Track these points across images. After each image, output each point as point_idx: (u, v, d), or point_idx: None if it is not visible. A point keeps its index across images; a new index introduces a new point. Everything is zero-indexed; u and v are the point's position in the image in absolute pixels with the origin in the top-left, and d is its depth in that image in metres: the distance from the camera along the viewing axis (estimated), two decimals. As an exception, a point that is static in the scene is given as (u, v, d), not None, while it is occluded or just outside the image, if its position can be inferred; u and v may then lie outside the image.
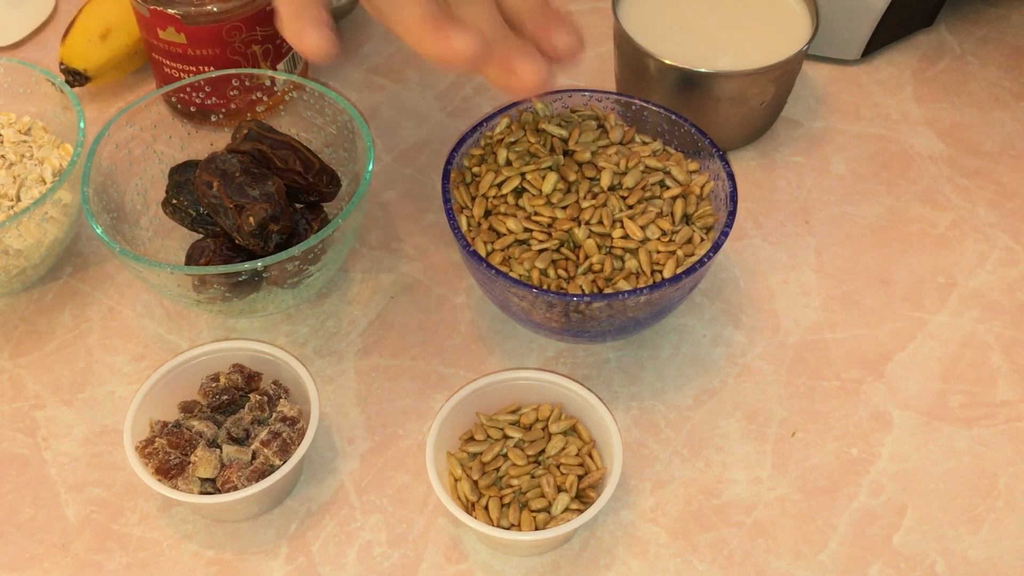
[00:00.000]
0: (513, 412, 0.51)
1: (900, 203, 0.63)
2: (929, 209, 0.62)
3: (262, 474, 0.47)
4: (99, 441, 0.53)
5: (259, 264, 0.50)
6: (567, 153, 0.54)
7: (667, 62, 0.60)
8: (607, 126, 0.55)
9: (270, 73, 0.60)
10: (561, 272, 0.50)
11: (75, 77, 0.66)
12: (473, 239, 0.51)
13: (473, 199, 0.53)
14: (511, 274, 0.50)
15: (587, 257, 0.50)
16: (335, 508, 0.50)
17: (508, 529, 0.47)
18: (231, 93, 0.61)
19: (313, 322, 0.57)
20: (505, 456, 0.49)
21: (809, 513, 0.50)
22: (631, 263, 0.50)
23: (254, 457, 0.48)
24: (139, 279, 0.53)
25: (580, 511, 0.47)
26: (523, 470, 0.49)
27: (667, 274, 0.49)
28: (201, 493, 0.47)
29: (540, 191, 0.52)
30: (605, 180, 0.52)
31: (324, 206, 0.58)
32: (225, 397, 0.50)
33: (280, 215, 0.52)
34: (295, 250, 0.50)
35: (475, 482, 0.48)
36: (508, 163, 0.53)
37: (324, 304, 0.58)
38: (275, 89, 0.60)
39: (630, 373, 0.55)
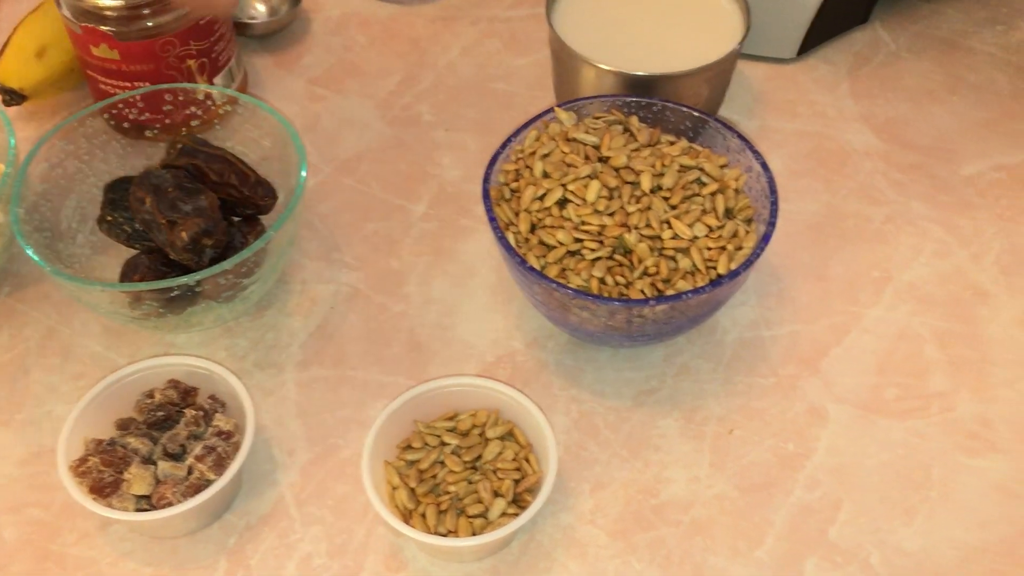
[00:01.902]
0: (450, 419, 0.51)
1: (836, 199, 0.63)
2: (865, 204, 0.63)
3: (197, 489, 0.47)
4: (36, 462, 0.52)
5: (190, 279, 0.49)
6: (602, 160, 0.54)
7: (603, 67, 0.60)
8: (633, 129, 0.55)
9: (204, 87, 0.60)
10: (619, 279, 0.50)
11: (11, 96, 0.66)
12: (525, 254, 0.51)
13: (517, 214, 0.53)
14: (570, 285, 0.50)
15: (641, 261, 0.50)
16: (274, 521, 0.50)
17: (445, 536, 0.47)
18: (165, 108, 0.61)
19: (253, 335, 0.57)
20: (442, 463, 0.49)
21: (746, 510, 0.50)
22: (684, 262, 0.50)
23: (190, 472, 0.48)
24: (72, 298, 0.53)
25: (517, 515, 0.47)
26: (460, 476, 0.49)
27: (722, 270, 0.50)
28: (137, 510, 0.47)
29: (585, 200, 0.52)
30: (646, 183, 0.52)
31: (262, 219, 0.58)
32: (160, 413, 0.50)
33: (213, 229, 0.52)
34: (227, 264, 0.50)
35: (412, 490, 0.48)
36: (546, 175, 0.53)
37: (264, 316, 0.58)
38: (210, 103, 0.60)
39: (570, 376, 0.56)
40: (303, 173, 0.54)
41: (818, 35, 0.71)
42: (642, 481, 0.52)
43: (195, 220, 0.51)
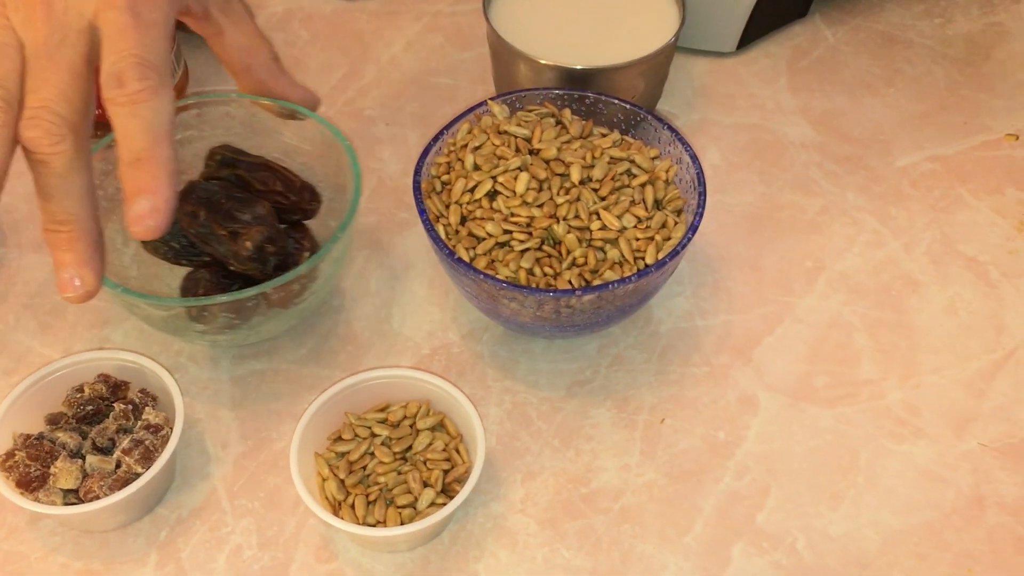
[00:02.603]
0: (381, 410, 0.51)
1: (772, 190, 0.64)
2: (800, 195, 0.64)
3: (125, 482, 0.47)
4: (-33, 457, 0.52)
5: (278, 282, 0.49)
6: (532, 152, 0.54)
7: (540, 61, 0.61)
8: (565, 122, 0.56)
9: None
10: (547, 270, 0.50)
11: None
12: (454, 246, 0.51)
13: (447, 207, 0.53)
14: (498, 276, 0.50)
15: (569, 252, 0.51)
16: (206, 513, 0.50)
17: (374, 526, 0.47)
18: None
19: (189, 329, 0.57)
20: (372, 454, 0.50)
21: (676, 497, 0.51)
22: (613, 253, 0.51)
23: (117, 466, 0.48)
24: (132, 313, 0.52)
25: (445, 504, 0.48)
26: (389, 467, 0.49)
27: (650, 260, 0.50)
28: (65, 504, 0.47)
29: (514, 192, 0.52)
30: (575, 174, 0.52)
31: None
32: (90, 407, 0.50)
33: (276, 236, 0.51)
34: (304, 266, 0.49)
35: (342, 481, 0.49)
36: (476, 167, 0.53)
37: (200, 311, 0.58)
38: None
39: (504, 367, 0.56)
40: (356, 165, 0.53)
41: (758, 29, 0.71)
42: (573, 470, 0.52)
43: (257, 228, 0.50)
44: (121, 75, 0.42)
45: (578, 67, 0.60)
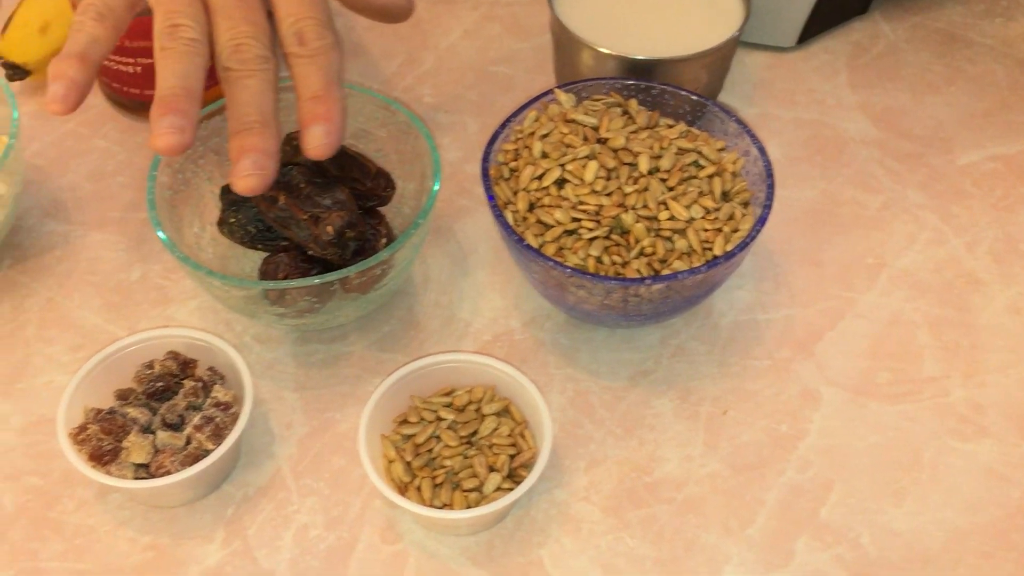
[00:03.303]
0: (447, 394, 0.51)
1: (832, 186, 0.64)
2: (861, 192, 0.63)
3: (196, 459, 0.48)
4: (35, 431, 0.53)
5: (360, 267, 0.49)
6: (600, 141, 0.54)
7: (603, 51, 0.61)
8: (632, 112, 0.56)
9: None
10: (615, 258, 0.50)
11: (15, 71, 0.66)
12: (523, 233, 0.51)
13: (515, 193, 0.53)
14: (567, 264, 0.50)
15: (638, 241, 0.51)
16: (272, 492, 0.51)
17: (440, 509, 0.48)
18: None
19: (252, 310, 0.58)
20: (438, 437, 0.50)
21: (738, 489, 0.51)
22: (681, 243, 0.51)
23: (188, 442, 0.49)
24: (210, 294, 0.52)
25: (511, 489, 0.48)
26: (455, 451, 0.49)
27: (718, 251, 0.50)
28: (135, 479, 0.48)
29: (583, 180, 0.52)
30: (643, 164, 0.52)
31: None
32: (160, 384, 0.50)
33: (356, 221, 0.51)
34: (387, 251, 0.49)
35: (408, 463, 0.49)
36: (544, 155, 0.54)
37: (263, 292, 0.58)
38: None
39: (566, 355, 0.56)
40: (436, 153, 0.54)
41: (818, 24, 0.71)
42: (636, 459, 0.52)
43: (338, 213, 0.50)
44: (301, 34, 0.48)
45: (642, 58, 0.60)
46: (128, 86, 0.64)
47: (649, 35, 0.63)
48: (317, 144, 0.47)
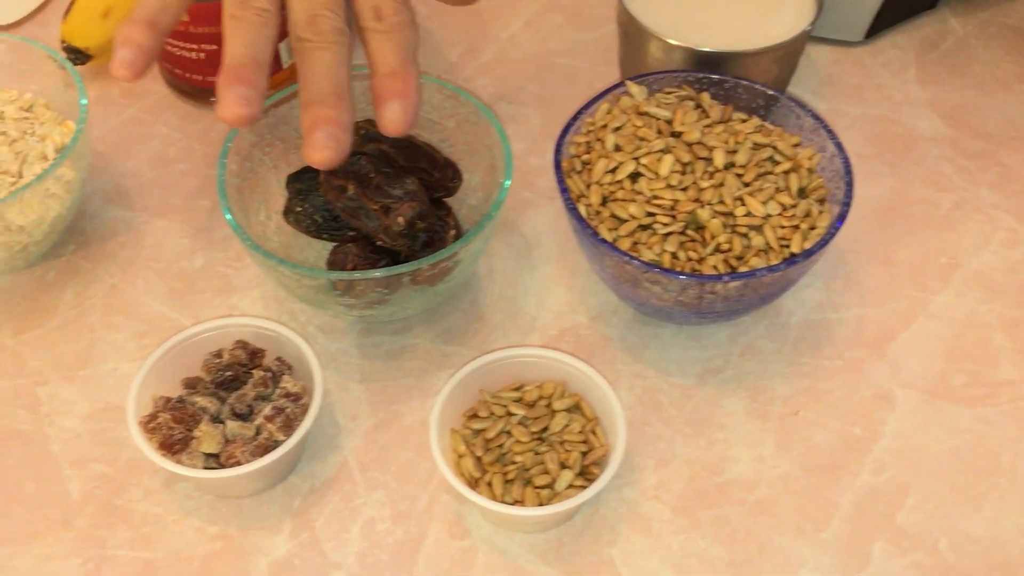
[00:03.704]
0: (516, 389, 0.51)
1: (903, 184, 0.63)
2: (932, 190, 0.62)
3: (266, 449, 0.47)
4: (101, 418, 0.52)
5: (432, 259, 0.48)
6: (674, 135, 0.53)
7: (672, 43, 0.60)
8: (705, 105, 0.55)
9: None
10: (691, 254, 0.49)
11: (76, 55, 0.66)
12: (596, 227, 0.51)
13: (588, 187, 0.52)
14: (642, 259, 0.49)
15: (714, 237, 0.50)
16: (338, 484, 0.50)
17: (512, 505, 0.47)
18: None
19: (316, 300, 0.57)
20: (508, 433, 0.49)
21: (812, 491, 0.50)
22: (757, 240, 0.50)
23: (258, 433, 0.48)
24: (279, 283, 0.52)
25: (584, 487, 0.47)
26: (527, 447, 0.49)
27: (795, 248, 0.49)
28: (204, 468, 0.47)
29: (657, 174, 0.51)
30: (719, 159, 0.52)
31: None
32: (228, 373, 0.50)
33: (427, 212, 0.50)
34: (459, 243, 0.49)
35: (479, 458, 0.48)
36: (617, 148, 0.53)
37: (327, 282, 0.58)
38: (282, 66, 0.60)
39: (634, 352, 0.55)
40: (507, 145, 0.53)
41: (887, 19, 0.70)
42: (706, 459, 0.51)
43: (409, 204, 0.50)
44: (378, 9, 0.47)
45: (712, 50, 0.59)
46: (191, 72, 0.64)
47: (718, 27, 0.62)
48: (394, 120, 0.46)
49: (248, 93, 0.45)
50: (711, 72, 0.57)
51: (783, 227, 0.51)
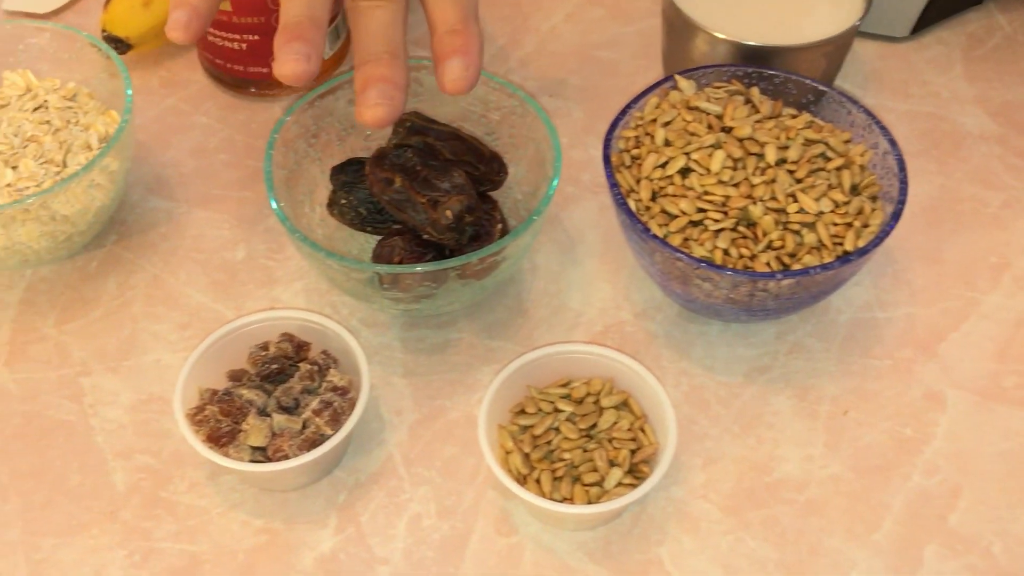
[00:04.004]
0: (564, 385, 0.50)
1: (951, 182, 0.62)
2: (981, 188, 0.61)
3: (313, 443, 0.47)
4: (145, 409, 0.52)
5: (480, 254, 0.48)
6: (724, 130, 0.53)
7: (718, 36, 0.59)
8: (755, 100, 0.54)
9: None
10: (743, 251, 0.49)
11: (117, 44, 0.65)
12: (646, 223, 0.50)
13: (638, 182, 0.52)
14: (694, 255, 0.49)
15: (766, 234, 0.49)
16: (384, 479, 0.50)
17: (561, 502, 0.47)
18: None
19: (358, 293, 0.57)
20: (557, 430, 0.49)
21: (863, 492, 0.49)
22: (810, 237, 0.49)
23: (305, 426, 0.48)
24: (324, 276, 0.52)
25: (633, 486, 0.47)
26: (575, 444, 0.48)
27: (848, 247, 0.49)
28: (251, 461, 0.47)
29: (708, 170, 0.51)
30: (770, 155, 0.51)
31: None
32: (274, 366, 0.50)
33: (475, 206, 0.50)
34: (509, 237, 0.48)
35: (527, 455, 0.48)
36: (667, 143, 0.52)
37: (369, 275, 0.57)
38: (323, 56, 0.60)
39: (680, 349, 0.55)
40: (556, 139, 0.52)
41: (933, 14, 0.69)
42: (755, 458, 0.51)
43: (458, 198, 0.49)
44: None
45: (759, 44, 0.59)
46: (232, 63, 0.64)
47: (765, 21, 0.61)
48: (456, 78, 0.45)
49: (306, 49, 0.44)
50: (758, 66, 0.56)
51: (836, 224, 0.50)
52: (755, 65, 0.57)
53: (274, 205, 0.50)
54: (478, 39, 0.46)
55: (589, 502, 0.47)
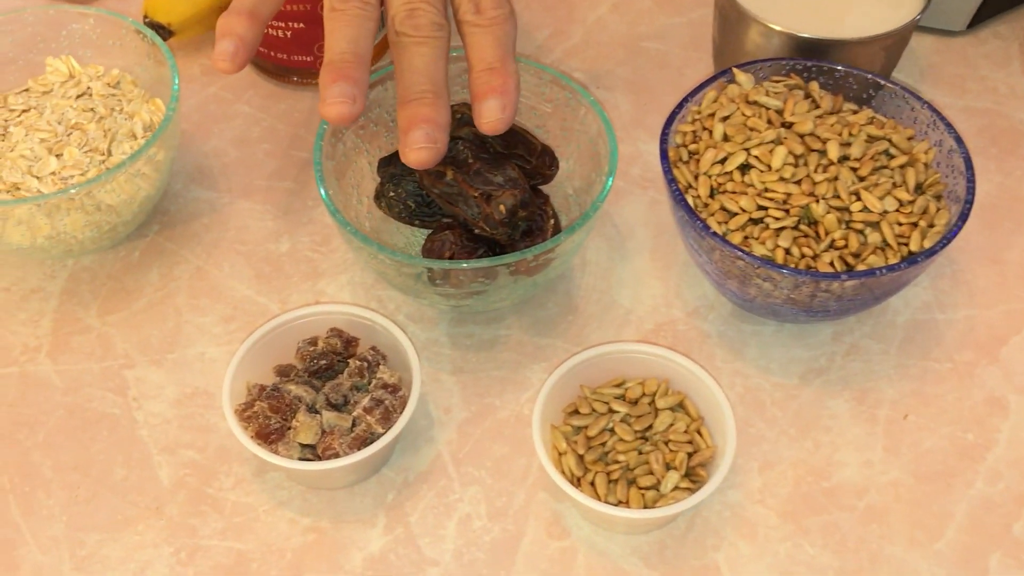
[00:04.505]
0: (618, 386, 0.49)
1: (1011, 180, 0.60)
2: (1041, 188, 0.60)
3: (364, 441, 0.46)
4: (190, 403, 0.51)
5: (537, 250, 0.47)
6: (785, 125, 0.51)
7: (774, 27, 0.58)
8: (815, 95, 0.53)
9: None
10: (805, 250, 0.47)
11: (159, 31, 0.64)
12: (705, 220, 0.49)
13: (696, 177, 0.50)
14: (755, 254, 0.47)
15: (828, 233, 0.48)
16: (433, 478, 0.49)
17: (616, 506, 0.45)
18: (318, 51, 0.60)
19: (405, 288, 0.56)
20: (611, 431, 0.48)
21: (924, 499, 0.48)
22: (874, 237, 0.48)
23: (355, 424, 0.47)
24: (373, 270, 0.51)
25: (689, 489, 0.46)
26: (630, 446, 0.47)
27: (914, 247, 0.47)
28: (300, 459, 0.46)
29: (769, 166, 0.49)
30: (833, 151, 0.49)
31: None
32: (323, 362, 0.49)
33: (529, 200, 0.49)
34: (564, 233, 0.47)
35: (581, 456, 0.47)
36: (726, 138, 0.51)
37: (416, 269, 0.56)
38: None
39: (733, 348, 0.53)
40: (612, 135, 0.51)
41: (990, 8, 0.67)
42: (812, 462, 0.49)
43: (511, 192, 0.48)
44: (478, 3, 0.47)
45: (816, 37, 0.57)
46: (276, 51, 0.63)
47: (822, 13, 0.59)
48: (492, 119, 0.46)
49: (352, 91, 0.45)
50: (816, 60, 0.55)
51: (900, 224, 0.48)
52: (811, 58, 0.55)
53: (325, 198, 0.49)
54: (515, 78, 0.46)
55: (645, 506, 0.45)
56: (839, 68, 0.54)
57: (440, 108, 0.46)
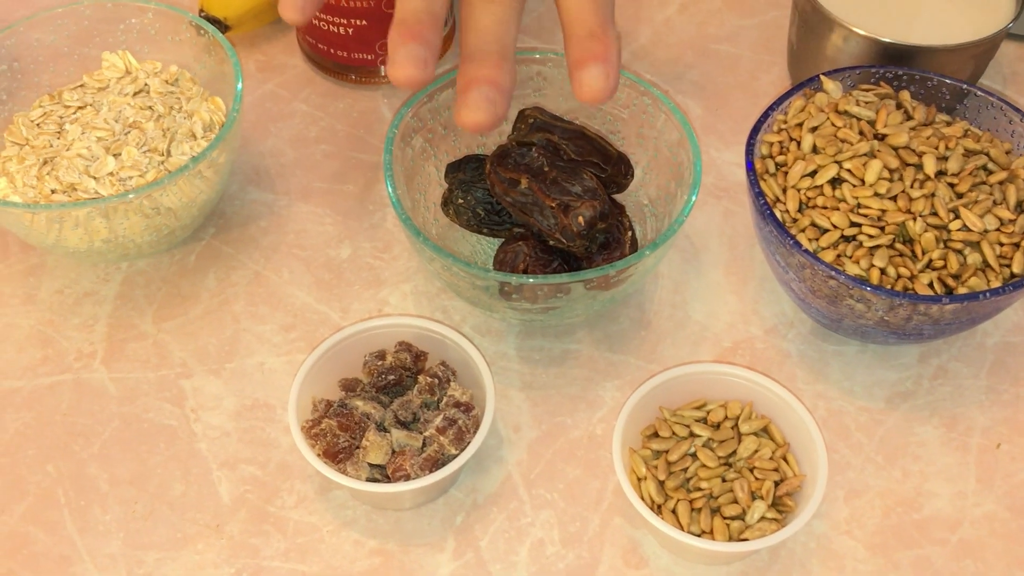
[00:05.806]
0: (699, 408, 0.47)
1: (1103, 196, 0.57)
2: None
3: (435, 463, 0.44)
4: (250, 416, 0.50)
5: (618, 266, 0.45)
6: (877, 137, 0.49)
7: (858, 32, 0.55)
8: (907, 106, 0.50)
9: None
10: (901, 270, 0.45)
11: (214, 25, 0.62)
12: (796, 236, 0.47)
13: (784, 191, 0.48)
14: (848, 273, 0.45)
15: (925, 252, 0.45)
16: (503, 501, 0.47)
17: (699, 536, 0.43)
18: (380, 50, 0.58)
19: (470, 298, 0.54)
20: (693, 456, 0.45)
21: (1020, 534, 0.46)
22: (973, 257, 0.45)
23: (426, 444, 0.45)
24: (442, 281, 0.49)
25: (776, 520, 0.43)
26: (714, 472, 0.45)
27: (1016, 269, 0.45)
28: (368, 479, 0.44)
29: (863, 181, 0.47)
30: (929, 166, 0.47)
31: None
32: (391, 377, 0.47)
33: (607, 211, 0.46)
34: (649, 248, 0.45)
35: (661, 482, 0.45)
36: (815, 150, 0.49)
37: (481, 279, 0.54)
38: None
39: (815, 369, 0.51)
40: (695, 147, 0.49)
41: (1077, 14, 0.64)
42: (901, 492, 0.47)
43: (590, 203, 0.46)
44: None
45: (902, 43, 0.55)
46: (336, 48, 0.61)
47: (908, 18, 0.57)
48: (595, 87, 0.41)
49: (423, 53, 0.40)
50: (906, 68, 0.52)
51: (1002, 244, 0.46)
52: (897, 65, 0.53)
53: (397, 207, 0.47)
54: (617, 45, 0.42)
55: (730, 537, 0.43)
56: (932, 77, 0.52)
57: (504, 71, 0.41)
